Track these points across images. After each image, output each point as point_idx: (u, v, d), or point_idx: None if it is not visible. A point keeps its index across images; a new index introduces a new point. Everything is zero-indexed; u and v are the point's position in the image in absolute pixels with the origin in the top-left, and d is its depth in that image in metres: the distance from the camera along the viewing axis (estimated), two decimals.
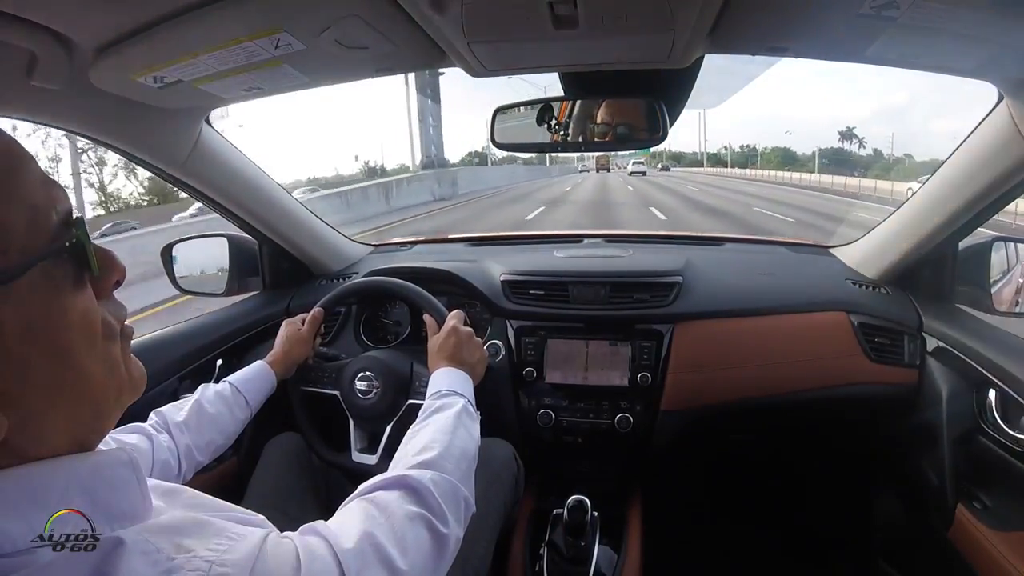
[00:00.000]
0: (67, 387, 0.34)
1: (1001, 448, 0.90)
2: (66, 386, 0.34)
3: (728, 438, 1.34)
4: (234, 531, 0.38)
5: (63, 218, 0.35)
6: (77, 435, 0.36)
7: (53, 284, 0.33)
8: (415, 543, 0.50)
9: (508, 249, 1.54)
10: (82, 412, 0.36)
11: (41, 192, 0.34)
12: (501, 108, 1.02)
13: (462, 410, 0.71)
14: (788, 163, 64.36)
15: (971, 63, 0.72)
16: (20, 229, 0.32)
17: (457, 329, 0.86)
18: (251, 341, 1.21)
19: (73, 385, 0.34)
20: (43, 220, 0.33)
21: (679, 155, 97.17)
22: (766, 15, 0.65)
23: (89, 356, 0.35)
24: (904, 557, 1.19)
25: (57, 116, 0.80)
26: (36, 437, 0.33)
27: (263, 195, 1.19)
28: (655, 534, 1.11)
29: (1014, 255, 1.08)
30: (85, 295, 0.35)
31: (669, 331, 1.12)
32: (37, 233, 0.33)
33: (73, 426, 0.35)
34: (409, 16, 0.64)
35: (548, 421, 1.12)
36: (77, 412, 0.35)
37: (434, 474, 0.57)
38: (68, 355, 0.34)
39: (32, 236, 0.32)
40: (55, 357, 0.33)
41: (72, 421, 0.35)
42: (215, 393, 0.83)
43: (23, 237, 0.32)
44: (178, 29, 0.64)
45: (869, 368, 1.08)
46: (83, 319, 0.35)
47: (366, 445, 0.98)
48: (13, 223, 0.31)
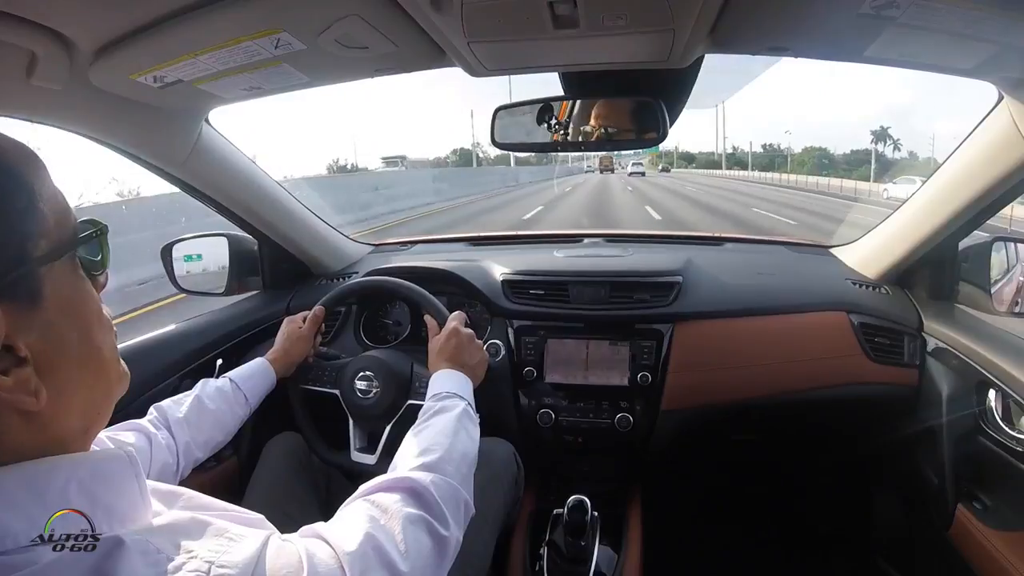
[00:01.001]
0: (91, 363, 0.38)
1: (1001, 448, 0.90)
2: (92, 361, 0.38)
3: (728, 438, 1.34)
4: (234, 532, 0.38)
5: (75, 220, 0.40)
6: (88, 414, 0.39)
7: (76, 271, 0.38)
8: (416, 545, 0.50)
9: (508, 249, 1.54)
10: (97, 391, 0.39)
11: (60, 196, 0.39)
12: (502, 107, 1.02)
13: (463, 413, 0.72)
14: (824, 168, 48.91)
15: (971, 63, 0.72)
16: (54, 220, 0.36)
17: (458, 331, 0.87)
18: (251, 341, 1.21)
19: (96, 362, 0.39)
20: (68, 216, 0.38)
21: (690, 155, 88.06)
22: (766, 15, 0.65)
23: (104, 339, 0.40)
24: (904, 556, 1.19)
25: (57, 116, 0.80)
26: (61, 413, 0.36)
27: (263, 195, 1.19)
28: (655, 534, 1.12)
29: (1014, 255, 1.08)
30: (94, 287, 0.40)
31: (669, 331, 1.12)
32: (65, 226, 0.38)
33: (88, 405, 0.39)
34: (409, 16, 0.64)
35: (548, 421, 1.12)
36: (93, 390, 0.39)
37: (436, 477, 0.58)
38: (91, 334, 0.38)
39: (62, 228, 0.37)
40: (83, 333, 0.38)
41: (89, 399, 0.39)
42: (215, 389, 0.83)
43: (55, 229, 0.36)
44: (178, 29, 0.64)
45: (869, 368, 1.08)
46: (97, 307, 0.40)
47: (365, 444, 0.98)
48: (47, 216, 0.36)
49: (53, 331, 0.35)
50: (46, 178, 0.37)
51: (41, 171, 0.37)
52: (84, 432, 0.39)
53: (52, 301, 0.35)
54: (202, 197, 1.11)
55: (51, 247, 0.36)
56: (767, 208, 14.50)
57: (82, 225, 0.40)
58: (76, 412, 0.37)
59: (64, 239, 0.37)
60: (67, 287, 0.37)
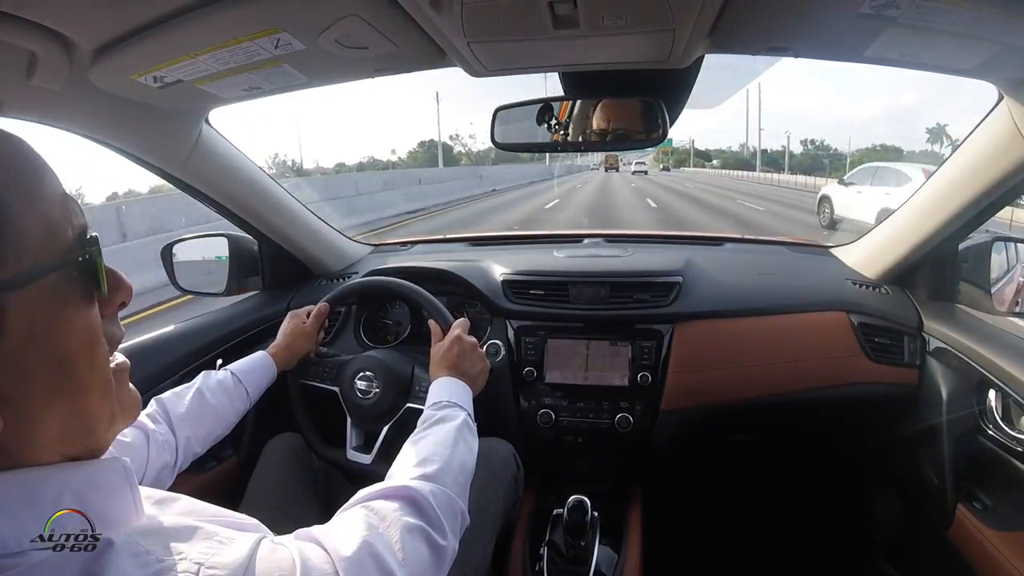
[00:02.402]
0: (65, 397, 0.35)
1: (1001, 448, 0.90)
2: (64, 395, 0.34)
3: (728, 438, 1.34)
4: (225, 535, 0.38)
5: (78, 233, 0.36)
6: (70, 443, 0.36)
7: (61, 296, 0.34)
8: (414, 554, 0.50)
9: (508, 249, 1.54)
10: (74, 425, 0.36)
11: (59, 206, 0.35)
12: (502, 108, 1.02)
13: (463, 424, 0.72)
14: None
15: (971, 63, 0.72)
16: (36, 239, 0.33)
17: (461, 339, 0.87)
18: (251, 341, 1.21)
19: (71, 396, 0.35)
20: (59, 234, 0.34)
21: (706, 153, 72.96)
22: (766, 15, 0.66)
23: (90, 371, 0.36)
24: (904, 557, 1.19)
25: (57, 116, 0.80)
26: (28, 442, 0.33)
27: (263, 195, 1.19)
28: (655, 534, 1.12)
29: (1014, 255, 1.08)
30: (92, 312, 0.36)
31: (669, 331, 1.12)
32: (52, 245, 0.34)
33: (65, 438, 0.35)
34: (409, 16, 0.64)
35: (548, 421, 1.12)
36: (70, 424, 0.35)
37: (435, 487, 0.58)
38: (69, 366, 0.34)
39: (47, 248, 0.33)
40: (56, 366, 0.34)
41: (65, 433, 0.35)
42: (217, 382, 0.83)
43: (38, 247, 0.33)
44: (178, 29, 0.64)
45: (869, 368, 1.08)
46: (86, 334, 0.35)
47: (362, 443, 0.98)
48: (30, 233, 0.32)
49: (15, 362, 0.32)
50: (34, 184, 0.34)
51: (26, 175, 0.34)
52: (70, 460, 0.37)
53: (18, 330, 0.32)
54: (202, 197, 1.11)
55: (22, 270, 0.32)
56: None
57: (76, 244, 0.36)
58: (49, 442, 0.35)
59: (44, 261, 0.33)
60: (42, 315, 0.33)
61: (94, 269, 0.36)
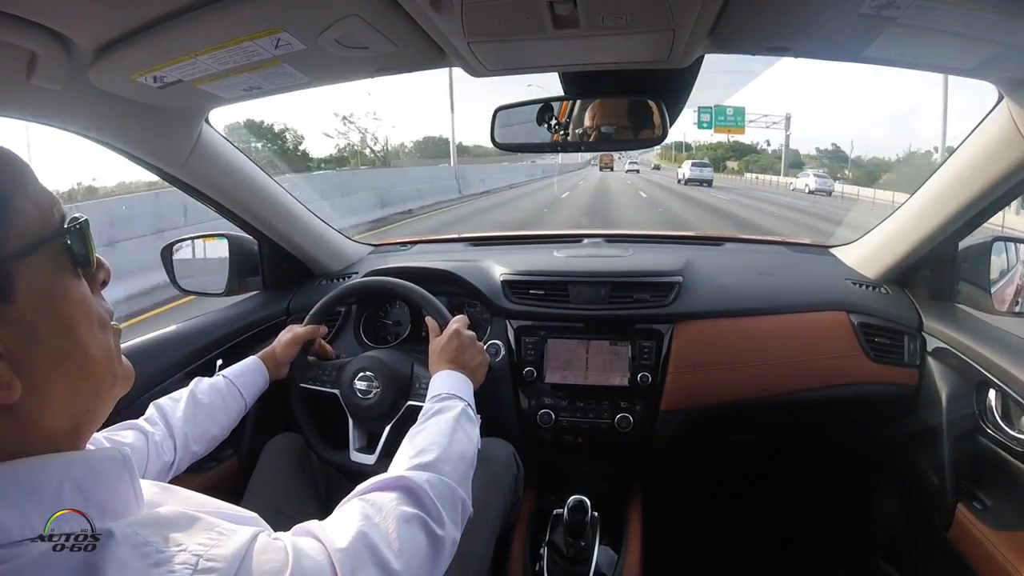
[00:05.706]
0: (72, 360, 0.38)
1: (1001, 448, 0.90)
2: (71, 359, 0.38)
3: (728, 438, 1.34)
4: (225, 527, 0.39)
5: (62, 216, 0.40)
6: (75, 413, 0.39)
7: (59, 266, 0.38)
8: (410, 544, 0.50)
9: (508, 249, 1.54)
10: (82, 389, 0.39)
11: (45, 196, 0.39)
12: (502, 108, 1.02)
13: (461, 413, 0.72)
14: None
15: (971, 63, 0.72)
16: (33, 219, 0.37)
17: (459, 332, 0.87)
18: (251, 341, 1.21)
19: (77, 359, 0.38)
20: (49, 217, 0.39)
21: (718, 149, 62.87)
22: (766, 15, 0.66)
23: (91, 337, 0.39)
24: (904, 557, 1.19)
25: (57, 116, 0.80)
26: (41, 407, 0.36)
27: (263, 195, 1.19)
28: (655, 534, 1.12)
29: (1014, 255, 1.08)
30: (82, 284, 0.40)
31: (669, 331, 1.12)
32: (47, 223, 0.38)
33: (73, 404, 0.39)
34: (409, 16, 0.64)
35: (548, 421, 1.12)
36: (78, 388, 0.39)
37: (431, 476, 0.58)
38: (74, 330, 0.38)
39: (42, 226, 0.38)
40: (63, 330, 0.38)
41: (73, 397, 0.38)
42: (209, 385, 0.85)
43: (36, 225, 0.37)
44: (178, 29, 0.64)
45: (869, 368, 1.08)
46: (84, 302, 0.40)
47: (364, 444, 0.98)
48: (28, 213, 0.37)
49: (27, 327, 0.35)
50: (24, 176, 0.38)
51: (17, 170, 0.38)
52: (74, 432, 0.39)
53: (26, 297, 0.35)
54: (202, 197, 1.11)
55: (25, 243, 0.36)
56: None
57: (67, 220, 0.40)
58: (59, 410, 0.38)
59: (42, 235, 0.37)
60: (45, 283, 0.37)
61: (82, 245, 0.40)
